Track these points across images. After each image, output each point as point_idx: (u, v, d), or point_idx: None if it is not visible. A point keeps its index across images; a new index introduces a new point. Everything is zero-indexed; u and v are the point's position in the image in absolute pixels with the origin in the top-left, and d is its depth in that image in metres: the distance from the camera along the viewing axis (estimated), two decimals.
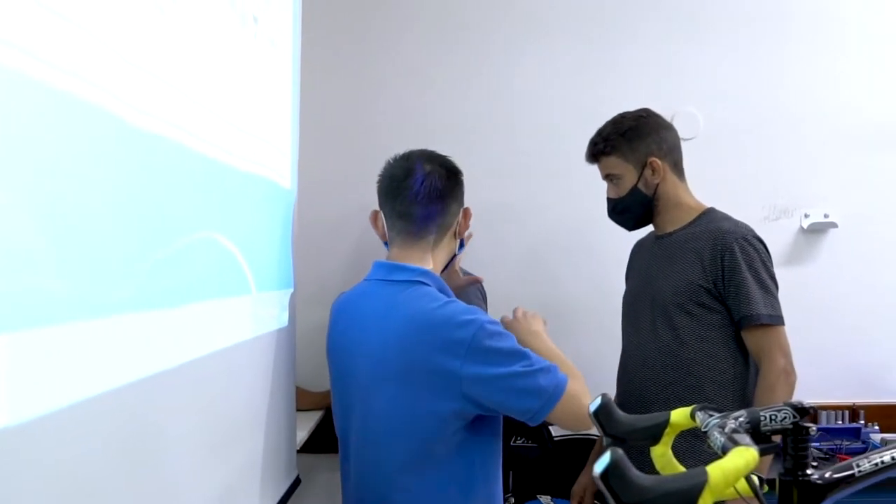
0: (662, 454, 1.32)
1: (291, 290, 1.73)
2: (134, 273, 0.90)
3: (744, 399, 1.88)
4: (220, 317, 1.25)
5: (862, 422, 2.78)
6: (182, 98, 1.08)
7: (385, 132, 2.77)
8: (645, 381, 1.99)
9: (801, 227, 2.87)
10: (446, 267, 1.74)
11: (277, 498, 1.61)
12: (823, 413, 2.81)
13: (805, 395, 2.78)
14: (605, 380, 2.26)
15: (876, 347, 2.83)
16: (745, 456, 1.01)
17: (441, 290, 1.57)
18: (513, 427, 2.73)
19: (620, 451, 0.95)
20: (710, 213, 2.07)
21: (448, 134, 2.69)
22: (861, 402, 2.82)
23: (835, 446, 2.59)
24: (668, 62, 2.86)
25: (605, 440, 1.30)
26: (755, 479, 1.23)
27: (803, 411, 1.15)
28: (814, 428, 1.16)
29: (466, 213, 1.71)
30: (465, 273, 2.51)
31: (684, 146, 2.85)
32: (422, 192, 1.60)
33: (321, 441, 2.41)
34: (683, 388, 1.91)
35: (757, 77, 2.86)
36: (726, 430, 1.12)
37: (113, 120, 0.85)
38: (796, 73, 2.86)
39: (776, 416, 1.15)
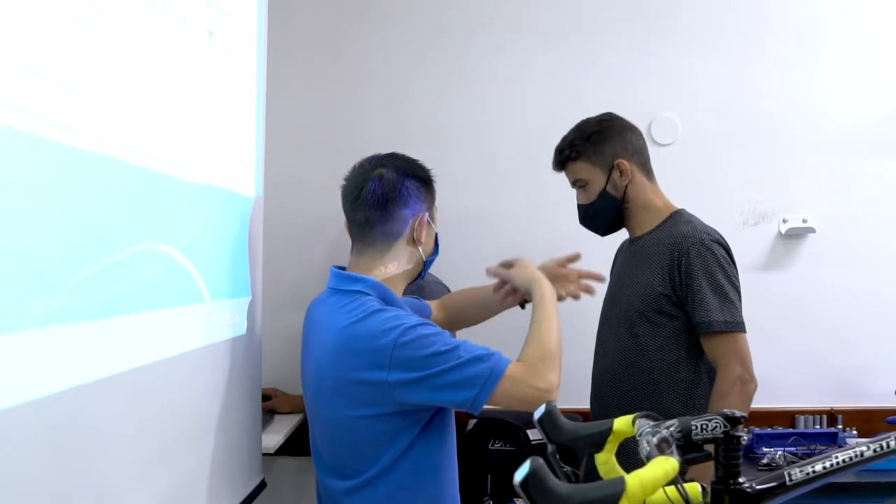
0: (606, 461, 1.34)
1: (249, 297, 1.75)
2: (59, 287, 0.93)
3: (703, 407, 1.88)
4: (168, 326, 1.27)
5: (840, 426, 2.79)
6: (121, 114, 1.10)
7: (361, 137, 2.79)
8: (607, 386, 2.00)
9: (780, 233, 2.87)
10: (420, 276, 1.71)
11: (237, 501, 1.64)
12: (801, 417, 2.82)
13: (783, 399, 2.85)
14: (581, 387, 2.29)
15: (854, 352, 2.84)
16: (664, 466, 1.03)
17: (385, 300, 1.56)
18: (491, 431, 2.76)
19: (540, 461, 0.97)
20: (677, 215, 2.06)
21: (424, 139, 2.70)
22: (839, 407, 2.82)
23: (810, 451, 2.60)
24: (646, 68, 2.87)
25: (550, 447, 1.33)
26: (702, 486, 1.26)
27: (734, 420, 1.16)
28: (745, 437, 1.17)
29: (421, 221, 1.64)
30: (435, 280, 2.53)
31: (663, 152, 2.89)
32: (362, 196, 1.59)
33: (302, 444, 2.44)
34: (642, 395, 1.91)
35: (735, 82, 2.87)
36: (655, 438, 1.13)
37: (32, 139, 0.88)
38: (775, 78, 2.87)
39: (707, 426, 1.16)
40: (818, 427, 2.80)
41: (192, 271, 1.37)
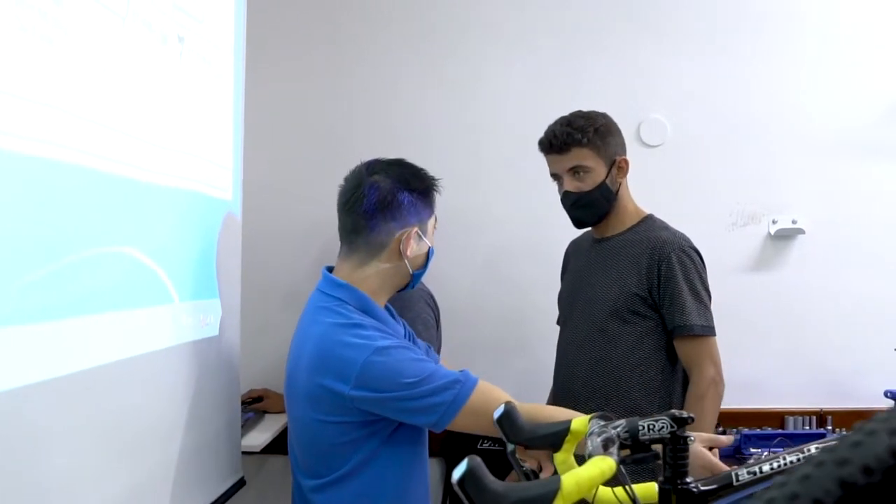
0: (564, 461, 1.36)
1: (218, 299, 1.76)
2: (5, 290, 0.96)
3: (670, 405, 1.91)
4: (131, 325, 1.30)
5: (829, 427, 2.79)
6: (78, 120, 1.13)
7: (351, 138, 2.83)
8: (574, 384, 2.03)
9: (769, 234, 2.87)
10: (407, 287, 1.68)
11: (210, 499, 1.67)
12: (790, 419, 2.82)
13: (772, 400, 2.85)
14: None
15: (843, 353, 2.83)
16: (600, 465, 1.05)
17: (364, 310, 1.55)
18: None
19: (478, 459, 0.99)
20: (648, 220, 2.09)
21: (411, 140, 2.72)
22: (828, 408, 2.82)
23: None
24: (635, 69, 2.87)
25: (509, 446, 1.35)
26: (657, 486, 1.27)
27: (681, 421, 1.18)
28: (692, 437, 1.19)
29: (409, 236, 1.59)
30: (420, 286, 2.55)
31: (652, 153, 2.90)
32: (352, 202, 1.58)
33: None
34: (611, 393, 1.95)
35: (724, 84, 2.86)
36: (600, 438, 1.16)
37: None
38: (764, 79, 2.86)
39: (654, 426, 1.18)
40: (808, 428, 2.80)
41: (158, 272, 1.40)
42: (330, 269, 1.65)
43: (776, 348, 2.84)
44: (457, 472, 0.97)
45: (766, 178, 2.87)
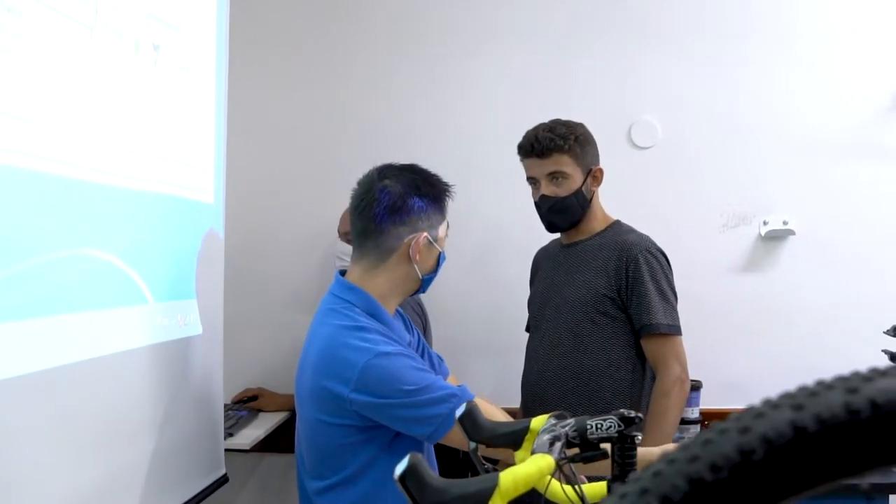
0: (524, 459, 1.39)
1: (194, 299, 1.80)
2: None
3: (639, 403, 1.97)
4: (99, 326, 1.34)
5: None
6: (45, 130, 1.18)
7: (345, 139, 2.87)
8: (546, 386, 2.06)
9: (760, 235, 2.87)
10: (417, 292, 1.70)
11: (190, 494, 1.71)
12: None
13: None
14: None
15: (833, 354, 2.80)
16: (538, 463, 1.08)
17: (372, 314, 1.58)
18: None
19: (419, 456, 1.02)
20: (616, 225, 2.15)
21: (402, 140, 2.77)
22: None
23: None
24: (626, 71, 2.89)
25: (471, 445, 1.38)
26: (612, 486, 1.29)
27: (629, 421, 1.20)
28: (639, 437, 1.21)
29: (418, 241, 1.59)
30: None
31: (642, 155, 2.91)
32: (363, 206, 1.60)
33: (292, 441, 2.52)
34: (583, 394, 1.99)
35: (715, 85, 2.87)
36: (546, 436, 1.19)
37: None
38: (755, 81, 2.86)
39: (602, 425, 1.21)
40: None
41: (130, 274, 1.44)
42: (343, 273, 1.67)
43: (766, 349, 2.84)
44: (398, 469, 1.00)
45: (756, 180, 2.87)
